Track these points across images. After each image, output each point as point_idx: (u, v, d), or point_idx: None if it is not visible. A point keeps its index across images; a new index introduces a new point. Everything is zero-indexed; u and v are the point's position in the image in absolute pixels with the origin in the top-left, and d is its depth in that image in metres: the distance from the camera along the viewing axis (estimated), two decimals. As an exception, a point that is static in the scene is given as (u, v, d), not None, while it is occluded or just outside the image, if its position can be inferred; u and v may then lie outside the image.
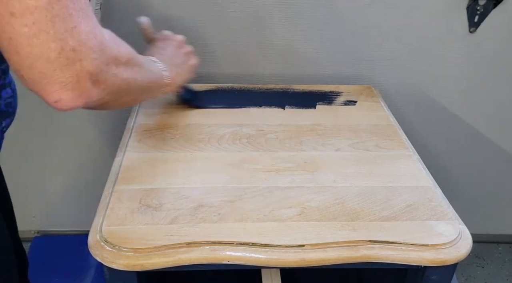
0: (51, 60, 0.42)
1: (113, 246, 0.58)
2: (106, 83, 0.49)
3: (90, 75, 0.46)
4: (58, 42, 0.42)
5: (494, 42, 1.05)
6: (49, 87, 0.44)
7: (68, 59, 0.43)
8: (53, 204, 1.29)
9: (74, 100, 0.46)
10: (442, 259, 0.60)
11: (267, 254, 0.59)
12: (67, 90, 0.45)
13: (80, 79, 0.45)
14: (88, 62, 0.45)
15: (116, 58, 0.50)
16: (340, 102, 0.96)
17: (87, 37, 0.44)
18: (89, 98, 0.48)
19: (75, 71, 0.44)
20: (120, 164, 0.74)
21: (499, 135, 1.19)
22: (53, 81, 0.44)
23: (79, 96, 0.46)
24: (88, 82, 0.46)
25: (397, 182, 0.72)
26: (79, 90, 0.46)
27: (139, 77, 0.58)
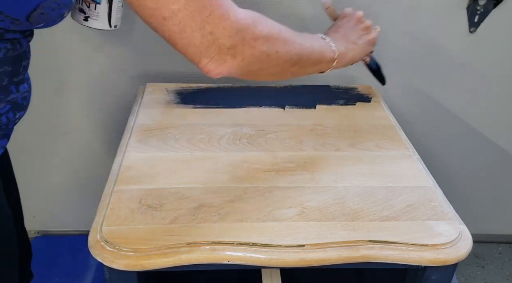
0: (197, 45, 0.55)
1: (113, 246, 0.58)
2: (244, 54, 0.58)
3: (227, 49, 0.56)
4: (199, 31, 0.54)
5: (494, 42, 1.05)
6: (201, 63, 0.57)
7: (209, 41, 0.55)
8: (53, 204, 1.29)
9: (219, 69, 0.58)
10: (442, 259, 0.60)
11: (267, 254, 0.59)
12: (212, 63, 0.57)
13: (221, 53, 0.56)
14: (224, 40, 0.55)
15: (253, 33, 0.58)
16: (340, 102, 0.96)
17: (220, 20, 0.55)
18: (231, 67, 0.58)
19: (216, 48, 0.56)
20: (120, 164, 0.74)
21: (499, 135, 1.19)
22: (202, 59, 0.56)
23: (222, 66, 0.57)
24: (227, 54, 0.57)
25: (397, 182, 0.72)
26: (221, 61, 0.57)
27: (283, 50, 0.63)
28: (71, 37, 1.02)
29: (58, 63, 1.07)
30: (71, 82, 1.09)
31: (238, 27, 0.56)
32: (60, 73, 1.08)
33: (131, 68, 1.08)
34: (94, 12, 0.82)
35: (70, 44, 1.04)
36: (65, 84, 1.09)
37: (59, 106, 1.12)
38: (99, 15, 0.82)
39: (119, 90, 1.10)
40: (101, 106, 1.12)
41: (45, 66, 1.07)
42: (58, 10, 0.56)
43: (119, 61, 1.07)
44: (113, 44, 1.05)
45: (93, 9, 0.81)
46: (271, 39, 0.61)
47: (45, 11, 0.53)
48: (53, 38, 1.02)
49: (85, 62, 1.06)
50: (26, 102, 0.65)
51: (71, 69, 1.08)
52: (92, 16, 0.82)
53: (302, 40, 0.67)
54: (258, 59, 0.60)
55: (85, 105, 1.12)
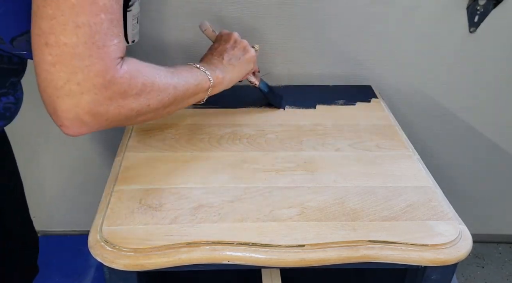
0: (57, 88, 0.49)
1: (113, 246, 0.58)
2: (107, 115, 0.53)
3: (88, 109, 0.51)
4: (68, 74, 0.49)
5: (494, 42, 1.05)
6: (55, 112, 0.51)
7: (71, 90, 0.49)
8: (53, 204, 1.29)
9: (77, 128, 0.52)
10: (442, 259, 0.60)
11: (267, 254, 0.59)
12: (68, 118, 0.51)
13: (79, 111, 0.51)
14: (88, 97, 0.50)
15: (125, 92, 0.54)
16: (340, 102, 0.96)
17: (96, 75, 0.50)
18: (92, 127, 0.53)
19: (75, 103, 0.50)
20: (120, 164, 0.74)
21: (499, 135, 1.19)
22: (57, 108, 0.50)
23: (81, 126, 0.52)
24: (87, 115, 0.51)
25: (397, 182, 0.72)
26: (79, 120, 0.51)
27: (155, 101, 0.60)
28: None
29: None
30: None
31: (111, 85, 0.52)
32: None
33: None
34: None
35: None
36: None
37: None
38: None
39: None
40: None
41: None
42: None
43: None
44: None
45: None
46: (142, 94, 0.57)
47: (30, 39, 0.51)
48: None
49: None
50: (9, 113, 0.64)
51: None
52: None
53: (177, 79, 0.65)
54: (125, 117, 0.56)
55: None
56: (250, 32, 1.02)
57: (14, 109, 0.65)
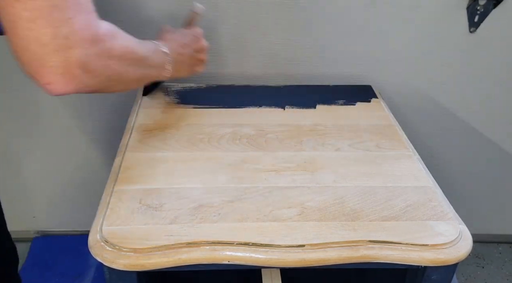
0: (44, 44, 0.47)
1: (113, 246, 0.58)
2: (95, 72, 0.52)
3: (80, 63, 0.49)
4: (53, 29, 0.46)
5: (494, 42, 1.05)
6: (41, 69, 0.48)
7: (60, 45, 0.47)
8: (53, 204, 1.29)
9: (64, 85, 0.50)
10: (442, 259, 0.60)
11: (267, 254, 0.59)
12: (57, 74, 0.49)
13: (70, 66, 0.49)
14: (78, 51, 0.49)
15: (109, 51, 0.53)
16: (340, 102, 0.96)
17: (81, 28, 0.48)
18: (79, 84, 0.51)
19: (66, 58, 0.48)
20: (120, 164, 0.74)
21: (499, 135, 1.19)
22: (45, 64, 0.48)
23: (69, 81, 0.50)
24: (78, 69, 0.50)
25: (397, 182, 0.72)
26: (69, 75, 0.49)
27: (133, 70, 0.61)
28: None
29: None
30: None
31: (97, 40, 0.51)
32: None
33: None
34: None
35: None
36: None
37: (59, 107, 1.12)
38: None
39: (119, 90, 1.10)
40: (101, 106, 1.12)
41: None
42: None
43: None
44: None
45: None
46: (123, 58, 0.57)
47: None
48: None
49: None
50: None
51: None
52: None
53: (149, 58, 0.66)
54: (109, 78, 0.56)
55: (85, 105, 1.12)
56: (250, 32, 1.02)
57: None
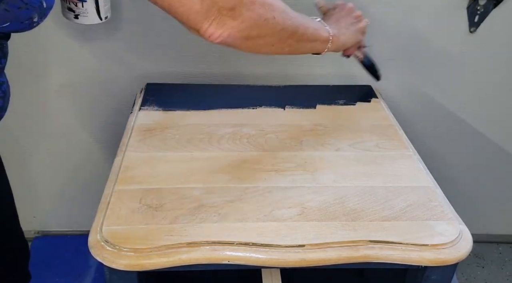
0: (197, 11, 0.57)
1: (114, 246, 0.58)
2: (243, 16, 0.60)
3: (227, 10, 0.59)
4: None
5: (494, 42, 1.05)
6: (202, 28, 0.59)
7: (208, 5, 0.57)
8: (53, 204, 1.29)
9: (219, 32, 0.60)
10: (442, 259, 0.60)
11: (267, 254, 0.59)
12: (213, 26, 0.59)
13: (220, 15, 0.58)
14: (223, 2, 0.58)
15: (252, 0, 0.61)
16: (340, 102, 0.96)
17: None
18: (231, 28, 0.60)
19: (215, 11, 0.58)
20: (120, 164, 0.74)
21: (499, 135, 1.19)
22: (203, 23, 0.58)
23: (222, 28, 0.59)
24: (227, 16, 0.59)
25: (397, 182, 0.72)
26: (221, 23, 0.59)
27: (279, 17, 0.65)
28: (71, 39, 1.02)
29: (58, 65, 1.07)
30: (71, 83, 1.09)
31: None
32: (60, 74, 1.08)
33: (131, 68, 1.08)
34: (82, 10, 0.83)
35: (70, 46, 1.04)
36: (65, 85, 1.09)
37: (59, 107, 1.12)
38: (87, 11, 0.84)
39: (119, 90, 1.10)
40: (101, 106, 1.12)
41: (45, 68, 1.07)
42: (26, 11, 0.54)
43: (119, 61, 1.07)
44: (113, 44, 1.05)
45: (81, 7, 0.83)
46: (267, 4, 0.63)
47: (9, 8, 0.52)
48: (52, 39, 1.02)
49: (85, 63, 1.06)
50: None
51: (71, 70, 1.08)
52: (81, 14, 0.84)
53: (297, 14, 0.70)
54: (256, 23, 0.62)
55: (85, 106, 1.12)
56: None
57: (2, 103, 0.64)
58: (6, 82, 0.65)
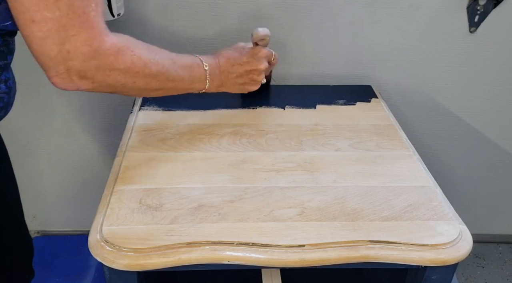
0: (51, 57, 0.56)
1: (114, 246, 0.58)
2: (94, 79, 0.59)
3: (77, 72, 0.58)
4: (58, 46, 0.55)
5: (494, 42, 1.05)
6: (49, 73, 0.58)
7: (63, 58, 0.56)
8: (53, 204, 1.29)
9: (65, 85, 0.59)
10: (442, 259, 0.60)
11: (267, 254, 0.59)
12: (59, 77, 0.58)
13: (69, 73, 0.57)
14: (77, 63, 0.57)
15: (111, 63, 0.60)
16: (340, 102, 0.96)
17: (82, 44, 0.56)
18: (77, 86, 0.59)
19: (66, 67, 0.57)
20: (120, 164, 0.74)
21: (499, 135, 1.19)
22: (51, 70, 0.57)
23: (69, 84, 0.59)
24: (75, 76, 0.58)
25: (397, 182, 0.72)
26: (68, 80, 0.58)
27: (145, 82, 0.65)
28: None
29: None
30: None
31: (98, 55, 0.57)
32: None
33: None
34: None
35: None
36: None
37: (59, 107, 1.12)
38: None
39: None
40: (101, 107, 1.12)
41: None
42: None
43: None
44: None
45: None
46: (130, 72, 0.62)
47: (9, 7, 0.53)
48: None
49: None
50: (2, 103, 0.65)
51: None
52: None
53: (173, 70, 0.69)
54: (110, 86, 0.62)
55: (85, 106, 1.12)
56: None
57: (7, 99, 0.64)
58: (12, 78, 0.66)
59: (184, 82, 0.73)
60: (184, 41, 1.03)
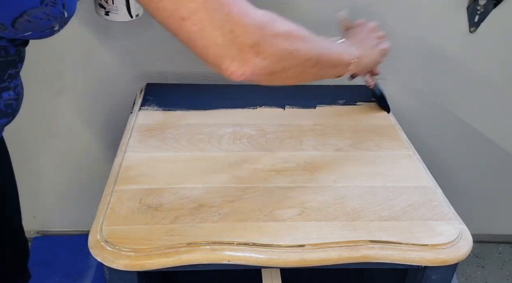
0: (219, 45, 0.53)
1: (114, 246, 0.58)
2: (266, 52, 0.56)
3: (249, 47, 0.55)
4: (220, 29, 0.53)
5: (494, 42, 1.05)
6: (223, 64, 0.55)
7: (230, 39, 0.53)
8: (53, 204, 1.29)
9: (242, 70, 0.56)
10: (442, 259, 0.60)
11: (267, 254, 0.59)
12: (235, 62, 0.55)
13: (242, 52, 0.55)
14: (245, 37, 0.54)
15: (272, 30, 0.57)
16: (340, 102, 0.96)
17: (240, 18, 0.54)
18: (254, 66, 0.56)
19: (237, 46, 0.54)
20: (120, 164, 0.74)
21: (499, 135, 1.19)
22: (225, 59, 0.55)
23: (245, 66, 0.56)
24: (250, 53, 0.55)
25: (397, 182, 0.72)
26: (244, 60, 0.55)
27: (303, 48, 0.62)
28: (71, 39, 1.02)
29: (57, 65, 1.07)
30: (71, 83, 1.09)
31: (258, 24, 0.56)
32: (60, 74, 1.08)
33: (131, 68, 1.08)
34: (113, 7, 0.84)
35: (70, 45, 1.04)
36: (66, 85, 1.09)
37: (59, 107, 1.12)
38: (118, 8, 0.85)
39: (119, 90, 1.10)
40: (101, 107, 1.12)
41: (45, 68, 1.06)
42: (47, 21, 0.54)
43: (119, 61, 1.07)
44: (113, 45, 1.05)
45: (112, 4, 0.83)
46: (290, 36, 0.60)
47: (32, 19, 0.52)
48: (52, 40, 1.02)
49: (85, 63, 1.06)
50: (11, 109, 0.64)
51: (71, 70, 1.08)
52: (112, 11, 0.85)
53: (320, 40, 0.67)
54: (280, 57, 0.59)
55: (85, 106, 1.12)
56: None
57: (15, 105, 0.64)
58: (20, 84, 0.66)
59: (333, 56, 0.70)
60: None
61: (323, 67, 0.68)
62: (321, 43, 0.67)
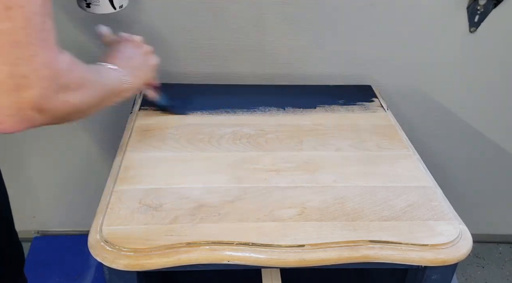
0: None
1: (113, 246, 0.58)
2: (51, 110, 0.48)
3: (34, 104, 0.45)
4: (9, 66, 0.42)
5: (494, 42, 1.05)
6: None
7: (15, 85, 0.43)
8: (53, 204, 1.29)
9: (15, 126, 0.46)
10: (442, 259, 0.60)
11: (267, 254, 0.59)
12: (7, 115, 0.45)
13: (22, 107, 0.45)
14: (35, 91, 0.44)
15: (67, 85, 0.50)
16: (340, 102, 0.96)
17: (42, 66, 0.44)
18: (32, 124, 0.47)
19: (19, 99, 0.44)
20: (120, 164, 0.74)
21: (499, 135, 1.19)
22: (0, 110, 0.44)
23: (20, 122, 0.46)
24: (31, 110, 0.46)
25: (397, 182, 0.72)
26: (20, 117, 0.45)
27: (92, 97, 0.57)
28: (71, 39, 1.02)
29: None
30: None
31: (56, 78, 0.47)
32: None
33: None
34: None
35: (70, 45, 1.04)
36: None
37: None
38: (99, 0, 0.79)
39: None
40: (101, 106, 1.12)
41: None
42: None
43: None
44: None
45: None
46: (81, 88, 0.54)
47: None
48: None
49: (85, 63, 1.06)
50: None
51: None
52: (93, 2, 0.80)
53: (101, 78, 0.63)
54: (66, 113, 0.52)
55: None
56: (251, 32, 1.02)
57: None
58: None
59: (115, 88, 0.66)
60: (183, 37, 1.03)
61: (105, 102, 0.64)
62: (103, 81, 0.62)
